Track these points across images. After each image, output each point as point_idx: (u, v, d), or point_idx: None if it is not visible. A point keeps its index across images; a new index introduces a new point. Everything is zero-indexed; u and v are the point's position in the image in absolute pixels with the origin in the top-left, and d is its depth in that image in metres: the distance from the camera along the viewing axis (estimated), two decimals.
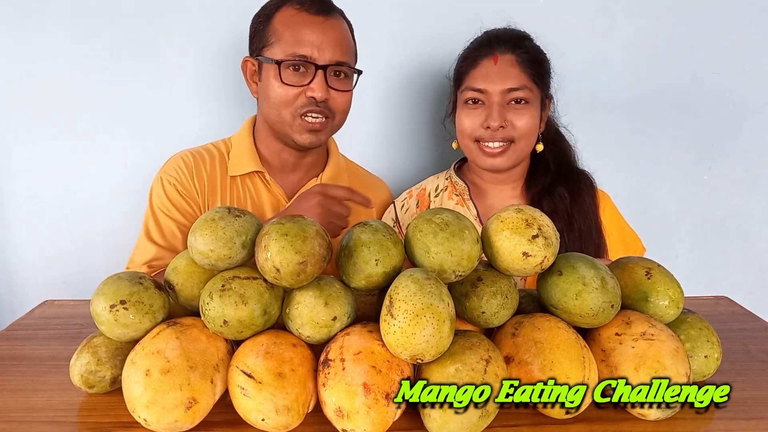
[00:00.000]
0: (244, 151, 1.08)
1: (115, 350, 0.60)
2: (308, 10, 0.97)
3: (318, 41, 0.96)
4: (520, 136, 1.04)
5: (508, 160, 1.06)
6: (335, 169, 1.14)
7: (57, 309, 0.85)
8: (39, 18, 1.22)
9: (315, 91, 0.96)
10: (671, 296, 0.61)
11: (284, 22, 0.97)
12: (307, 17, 0.97)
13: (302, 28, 0.95)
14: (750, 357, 0.70)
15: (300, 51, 0.95)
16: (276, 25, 0.97)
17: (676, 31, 1.34)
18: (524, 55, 1.05)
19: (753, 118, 1.41)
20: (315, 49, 0.96)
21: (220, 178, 1.08)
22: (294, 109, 0.98)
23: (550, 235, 0.58)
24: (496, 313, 0.60)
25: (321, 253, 0.55)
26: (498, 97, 1.03)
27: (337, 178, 1.14)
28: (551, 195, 1.08)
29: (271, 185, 1.08)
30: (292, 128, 1.00)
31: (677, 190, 1.44)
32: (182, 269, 0.62)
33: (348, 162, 1.23)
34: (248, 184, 1.08)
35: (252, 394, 0.52)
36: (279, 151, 1.08)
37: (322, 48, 0.96)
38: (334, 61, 0.97)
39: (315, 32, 0.96)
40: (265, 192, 1.08)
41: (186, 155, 1.09)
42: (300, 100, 0.98)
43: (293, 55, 0.95)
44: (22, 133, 1.28)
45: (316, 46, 0.96)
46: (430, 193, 1.18)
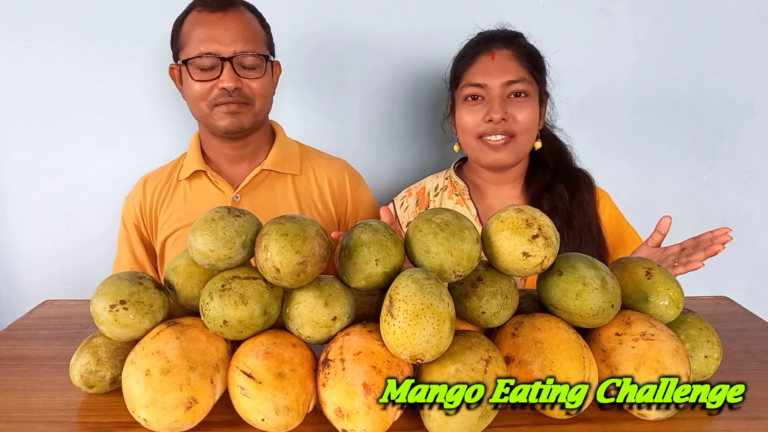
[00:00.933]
0: (191, 154, 1.16)
1: (115, 350, 0.59)
2: (207, 9, 1.04)
3: (219, 36, 1.02)
4: (521, 130, 1.04)
5: (510, 154, 1.06)
6: (280, 153, 1.16)
7: (57, 309, 0.85)
8: (39, 20, 1.22)
9: (224, 81, 1.02)
10: (671, 296, 0.61)
11: (190, 24, 1.04)
12: (207, 16, 1.03)
13: (204, 27, 1.02)
14: (750, 357, 0.70)
15: (204, 48, 1.01)
16: (185, 29, 1.05)
17: (676, 31, 1.34)
18: (520, 50, 1.06)
19: (753, 118, 1.40)
20: (217, 44, 1.01)
21: (172, 185, 1.16)
22: (209, 101, 1.05)
23: (550, 235, 0.58)
24: (496, 313, 0.60)
25: (321, 253, 0.55)
26: (498, 90, 1.04)
27: (282, 162, 1.15)
28: (550, 193, 1.08)
29: (218, 181, 1.13)
30: (213, 117, 1.06)
31: (677, 190, 1.44)
32: (182, 269, 0.61)
33: (302, 146, 1.23)
34: (196, 184, 1.14)
35: (252, 394, 0.52)
36: (219, 146, 1.14)
37: (224, 41, 1.02)
38: (238, 52, 1.03)
39: (215, 28, 1.02)
40: (212, 188, 1.13)
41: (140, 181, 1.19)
42: (214, 92, 1.04)
43: (197, 53, 1.01)
44: (22, 133, 1.28)
45: (218, 41, 1.02)
46: (430, 192, 1.18)
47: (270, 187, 1.14)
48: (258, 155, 1.16)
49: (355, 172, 1.23)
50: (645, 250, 0.92)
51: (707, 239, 0.86)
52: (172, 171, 1.18)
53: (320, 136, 1.34)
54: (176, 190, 1.15)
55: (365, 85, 1.32)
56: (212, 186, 1.13)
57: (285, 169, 1.15)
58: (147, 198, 1.15)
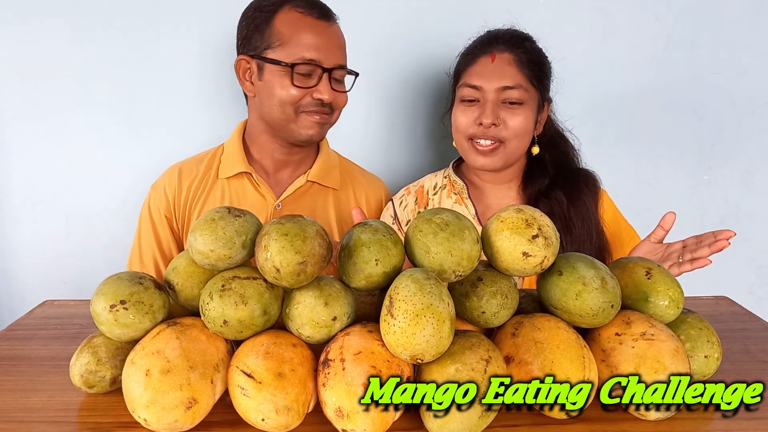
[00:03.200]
0: (234, 153, 1.12)
1: (115, 350, 0.59)
2: (311, 14, 1.01)
3: (324, 45, 1.01)
4: (510, 136, 1.04)
5: (498, 160, 1.06)
6: (324, 166, 1.16)
7: (57, 309, 0.85)
8: (40, 18, 1.22)
9: (322, 93, 1.02)
10: (671, 296, 0.61)
11: (289, 26, 1.00)
12: (313, 21, 1.01)
13: (309, 33, 1.00)
14: (750, 357, 0.70)
15: (308, 55, 0.99)
16: (279, 28, 1.00)
17: (676, 31, 1.34)
18: (523, 55, 1.04)
19: (753, 118, 1.40)
20: (322, 53, 1.00)
21: (210, 181, 1.12)
22: (297, 107, 1.03)
23: (550, 235, 0.58)
24: (496, 313, 0.60)
25: (321, 253, 0.55)
26: (492, 94, 1.03)
27: (326, 174, 1.15)
28: (548, 198, 1.08)
29: (260, 185, 1.11)
30: (297, 123, 1.04)
31: (677, 190, 1.44)
32: (182, 269, 0.61)
33: (342, 159, 1.23)
34: (236, 185, 1.11)
35: (252, 394, 0.52)
36: (271, 150, 1.11)
37: (328, 52, 1.01)
38: (337, 65, 1.03)
39: (321, 37, 1.01)
40: (253, 192, 1.11)
41: (173, 170, 1.14)
42: (305, 100, 1.02)
43: (302, 59, 0.99)
44: (22, 133, 1.28)
45: (323, 51, 1.00)
46: (428, 190, 1.18)
47: (312, 199, 1.14)
48: (303, 163, 1.15)
49: (388, 192, 1.25)
50: (647, 245, 0.92)
51: (710, 236, 0.86)
52: (209, 166, 1.14)
53: None
54: (214, 188, 1.11)
55: (365, 83, 1.32)
56: (254, 190, 1.11)
57: (327, 182, 1.15)
58: (183, 191, 1.11)
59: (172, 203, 1.11)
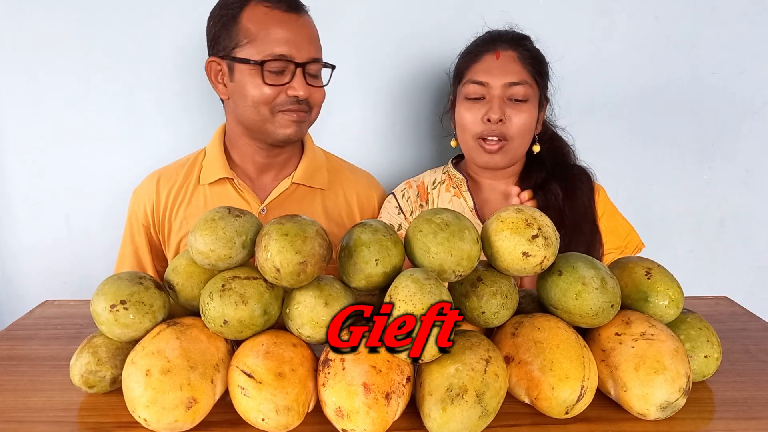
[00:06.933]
0: (214, 158, 1.08)
1: (115, 350, 0.60)
2: (279, 8, 0.96)
3: (294, 39, 0.95)
4: (514, 134, 1.05)
5: (504, 158, 1.07)
6: (309, 167, 1.11)
7: (57, 309, 0.85)
8: (39, 19, 1.22)
9: (297, 89, 0.96)
10: (671, 296, 0.61)
11: (256, 22, 0.95)
12: (281, 15, 0.95)
13: (277, 27, 0.94)
14: (750, 357, 0.70)
15: (278, 50, 0.94)
16: (246, 25, 0.95)
17: (676, 31, 1.34)
18: (525, 53, 1.06)
19: (753, 118, 1.40)
20: (293, 48, 0.95)
21: (191, 187, 1.08)
22: (273, 106, 0.98)
23: (550, 235, 0.58)
24: (496, 313, 0.60)
25: (321, 253, 0.55)
26: (499, 90, 1.04)
27: (312, 175, 1.10)
28: (544, 191, 1.09)
29: (243, 191, 1.06)
30: (274, 123, 0.99)
31: (677, 190, 1.44)
32: (182, 269, 0.62)
33: (330, 157, 1.18)
34: (219, 191, 1.07)
35: (252, 394, 0.52)
36: (252, 153, 1.07)
37: (299, 46, 0.95)
38: (310, 59, 0.97)
39: (290, 30, 0.95)
40: (236, 198, 1.07)
41: (152, 177, 1.11)
42: (280, 98, 0.97)
43: (272, 55, 0.94)
44: (22, 133, 1.28)
45: (294, 45, 0.95)
46: (428, 185, 1.18)
47: (298, 202, 1.09)
48: (287, 165, 1.10)
49: (380, 188, 1.21)
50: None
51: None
52: (189, 171, 1.09)
53: (320, 132, 1.34)
54: (195, 194, 1.07)
55: (365, 81, 1.32)
56: (237, 195, 1.06)
57: (314, 183, 1.10)
58: (161, 199, 1.08)
59: (150, 212, 1.08)
